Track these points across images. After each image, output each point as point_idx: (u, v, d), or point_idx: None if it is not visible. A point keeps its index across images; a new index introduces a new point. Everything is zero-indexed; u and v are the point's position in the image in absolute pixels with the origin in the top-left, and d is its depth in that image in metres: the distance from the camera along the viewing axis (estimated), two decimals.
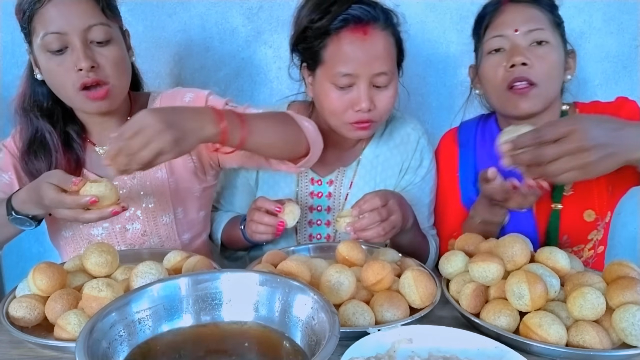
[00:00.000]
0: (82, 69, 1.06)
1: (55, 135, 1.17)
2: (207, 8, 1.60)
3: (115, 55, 1.11)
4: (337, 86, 1.15)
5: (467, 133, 1.38)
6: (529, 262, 0.97)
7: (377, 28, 1.14)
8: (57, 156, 1.17)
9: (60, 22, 1.05)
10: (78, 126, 1.21)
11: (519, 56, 1.15)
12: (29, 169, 1.18)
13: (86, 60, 1.06)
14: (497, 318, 0.88)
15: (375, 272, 0.95)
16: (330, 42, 1.14)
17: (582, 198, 1.26)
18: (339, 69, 1.13)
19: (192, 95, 1.22)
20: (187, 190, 1.28)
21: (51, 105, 1.18)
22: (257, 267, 1.02)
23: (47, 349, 0.86)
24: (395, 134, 1.34)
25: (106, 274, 0.98)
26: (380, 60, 1.13)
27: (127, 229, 1.25)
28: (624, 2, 1.55)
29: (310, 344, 0.72)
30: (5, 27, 1.60)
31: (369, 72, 1.13)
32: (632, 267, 0.95)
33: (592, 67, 1.60)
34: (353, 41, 1.12)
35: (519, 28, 1.17)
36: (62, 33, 1.06)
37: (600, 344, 0.83)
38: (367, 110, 1.14)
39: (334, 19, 1.12)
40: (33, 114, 1.17)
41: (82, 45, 1.06)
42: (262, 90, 1.66)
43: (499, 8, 1.21)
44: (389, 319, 0.91)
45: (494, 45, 1.20)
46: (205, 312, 0.80)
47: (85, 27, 1.06)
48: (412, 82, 1.64)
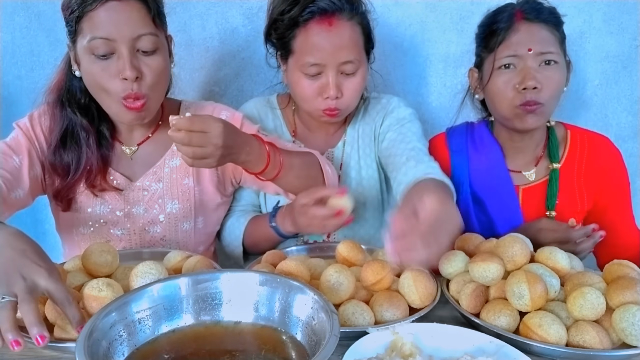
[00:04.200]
0: (127, 78, 1.06)
1: (91, 132, 1.17)
2: (207, 8, 1.60)
3: (159, 65, 1.10)
4: (306, 75, 1.20)
5: (458, 140, 1.41)
6: (529, 262, 0.98)
7: (342, 19, 1.18)
8: (87, 152, 1.17)
9: (109, 28, 1.04)
10: (110, 124, 1.21)
11: (531, 80, 1.20)
12: (56, 165, 1.17)
13: (132, 70, 1.05)
14: (497, 318, 0.88)
15: (375, 272, 0.95)
16: (298, 33, 1.19)
17: (567, 207, 1.32)
18: (307, 59, 1.19)
19: (229, 115, 1.25)
20: (209, 202, 1.29)
21: (88, 102, 1.17)
22: (257, 267, 1.02)
23: (47, 349, 0.85)
24: (371, 109, 1.40)
25: (106, 274, 0.98)
26: (346, 50, 1.18)
27: (147, 231, 1.25)
28: (624, 2, 1.55)
29: (310, 344, 0.72)
30: (5, 27, 1.60)
31: (335, 61, 1.18)
32: (632, 267, 0.95)
33: (592, 67, 1.60)
34: (319, 32, 1.17)
35: (532, 48, 1.21)
36: (111, 39, 1.05)
37: (600, 344, 0.83)
38: (335, 97, 1.20)
39: (302, 11, 1.17)
40: (70, 108, 1.16)
41: (129, 55, 1.05)
42: (262, 90, 1.66)
43: (512, 26, 1.23)
44: (388, 319, 0.91)
45: (506, 62, 1.24)
46: (205, 312, 0.80)
47: (134, 36, 1.06)
48: (412, 82, 1.65)
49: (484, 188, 1.36)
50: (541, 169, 1.35)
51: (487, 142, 1.38)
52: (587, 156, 1.33)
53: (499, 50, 1.24)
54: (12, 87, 1.64)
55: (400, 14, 1.57)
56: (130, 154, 1.24)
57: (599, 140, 1.35)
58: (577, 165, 1.33)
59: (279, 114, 1.40)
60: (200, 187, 1.26)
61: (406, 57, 1.61)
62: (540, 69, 1.22)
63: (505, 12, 1.26)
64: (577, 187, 1.32)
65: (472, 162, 1.38)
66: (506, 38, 1.23)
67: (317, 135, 1.40)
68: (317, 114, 1.26)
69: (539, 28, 1.23)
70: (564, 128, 1.38)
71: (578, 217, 1.33)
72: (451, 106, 1.65)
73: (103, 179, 1.19)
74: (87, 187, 1.19)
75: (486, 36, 1.28)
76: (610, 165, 1.33)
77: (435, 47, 1.62)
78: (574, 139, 1.35)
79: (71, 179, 1.17)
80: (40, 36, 1.60)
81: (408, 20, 1.59)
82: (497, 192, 1.34)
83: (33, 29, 1.61)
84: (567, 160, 1.34)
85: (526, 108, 1.22)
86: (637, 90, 1.62)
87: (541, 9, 1.24)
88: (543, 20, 1.23)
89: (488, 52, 1.27)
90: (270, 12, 1.25)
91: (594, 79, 1.62)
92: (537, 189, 1.34)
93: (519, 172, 1.36)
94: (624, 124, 1.65)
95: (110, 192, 1.21)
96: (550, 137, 1.35)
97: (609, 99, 1.64)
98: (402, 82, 1.61)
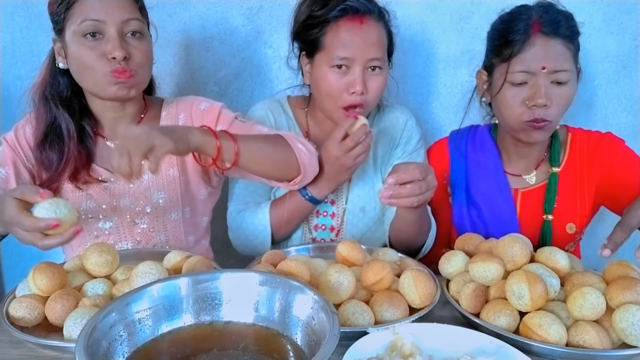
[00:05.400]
0: (116, 58, 1.11)
1: (72, 127, 1.20)
2: (207, 8, 1.60)
3: (145, 49, 1.17)
4: (334, 69, 1.24)
5: (459, 142, 1.42)
6: (529, 262, 0.98)
7: (372, 19, 1.24)
8: (70, 148, 1.19)
9: (100, 11, 1.11)
10: (92, 120, 1.24)
11: (541, 98, 1.18)
12: (41, 159, 1.20)
13: (121, 50, 1.11)
14: (497, 318, 0.88)
15: (375, 272, 0.95)
16: (329, 29, 1.24)
17: (566, 211, 1.32)
18: (337, 53, 1.22)
19: (207, 105, 1.28)
20: (195, 192, 1.31)
21: (70, 96, 1.21)
22: (257, 267, 1.02)
23: (47, 349, 0.86)
24: (384, 118, 1.42)
25: (106, 274, 0.98)
26: (375, 47, 1.23)
27: (135, 223, 1.26)
28: (624, 2, 1.55)
29: (310, 344, 0.72)
30: (5, 27, 1.60)
31: (364, 57, 1.22)
32: (632, 267, 0.95)
33: (592, 67, 1.60)
34: (350, 29, 1.22)
35: (546, 66, 1.18)
36: (101, 21, 1.11)
37: (600, 344, 0.83)
38: (361, 92, 1.23)
39: (334, 9, 1.22)
40: (53, 103, 1.20)
41: (118, 36, 1.12)
42: (262, 90, 1.66)
43: (528, 39, 1.19)
44: (388, 319, 0.91)
45: (519, 78, 1.21)
46: (205, 312, 0.80)
47: (123, 19, 1.12)
48: (412, 82, 1.65)
49: (480, 191, 1.36)
50: (541, 172, 1.35)
51: (487, 145, 1.38)
52: (588, 158, 1.31)
53: (512, 63, 1.21)
54: (12, 87, 1.64)
55: (400, 14, 1.56)
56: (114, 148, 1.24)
57: (598, 139, 1.33)
58: (578, 169, 1.32)
59: (291, 115, 1.41)
60: (185, 177, 1.28)
61: (406, 57, 1.61)
62: (552, 86, 1.19)
63: (522, 22, 1.21)
64: (578, 190, 1.31)
65: (470, 165, 1.38)
66: (521, 51, 1.20)
67: None
68: (338, 114, 1.27)
69: (554, 43, 1.19)
70: (566, 131, 1.37)
71: (578, 221, 1.32)
72: (451, 106, 1.65)
73: (87, 174, 1.22)
74: (71, 181, 1.21)
75: (500, 44, 1.25)
76: (614, 161, 1.29)
77: (435, 47, 1.62)
78: (574, 142, 1.34)
79: (54, 173, 1.20)
80: (40, 36, 1.60)
81: (408, 20, 1.59)
82: (493, 196, 1.34)
83: (33, 29, 1.61)
84: (567, 163, 1.33)
85: (534, 125, 1.21)
86: (637, 90, 1.62)
87: (559, 21, 1.20)
88: (560, 35, 1.19)
89: (500, 61, 1.24)
90: (298, 13, 1.29)
91: (594, 79, 1.62)
92: (536, 193, 1.33)
93: (519, 175, 1.36)
94: (624, 124, 1.65)
95: (95, 187, 1.23)
96: (553, 141, 1.34)
97: (609, 99, 1.64)
98: (402, 82, 1.61)
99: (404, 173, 1.07)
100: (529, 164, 1.36)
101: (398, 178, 1.07)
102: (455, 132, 1.46)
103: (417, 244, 1.32)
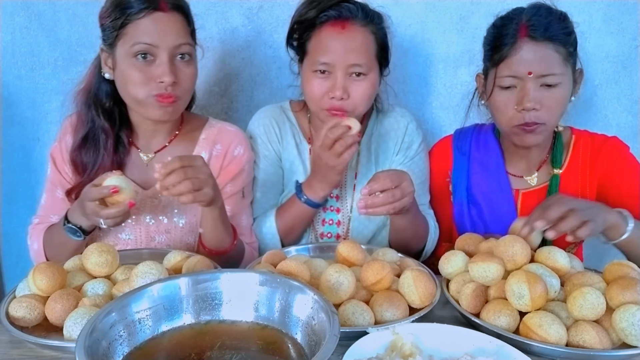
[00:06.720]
0: (164, 82, 1.13)
1: (110, 136, 1.22)
2: (207, 8, 1.60)
3: (192, 73, 1.21)
4: (317, 74, 1.25)
5: (463, 140, 1.42)
6: (529, 262, 0.97)
7: (355, 24, 1.24)
8: (104, 156, 1.22)
9: (154, 35, 1.13)
10: (129, 130, 1.27)
11: (529, 102, 1.18)
12: (75, 162, 1.23)
13: (170, 76, 1.13)
14: (497, 318, 0.88)
15: (375, 272, 0.95)
16: (313, 35, 1.26)
17: None
18: (318, 57, 1.24)
19: (239, 155, 1.30)
20: None
21: (112, 106, 1.23)
22: (257, 267, 1.02)
23: (47, 349, 0.86)
24: (385, 121, 1.42)
25: (106, 274, 0.98)
26: (356, 53, 1.23)
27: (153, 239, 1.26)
28: (624, 2, 1.55)
29: (310, 344, 0.72)
30: (5, 27, 1.60)
31: (344, 63, 1.22)
32: (632, 267, 0.95)
33: (592, 67, 1.60)
34: (331, 34, 1.23)
35: (533, 71, 1.18)
36: (154, 45, 1.13)
37: (600, 344, 0.83)
38: (340, 98, 1.23)
39: (318, 14, 1.24)
40: (95, 111, 1.22)
41: (168, 61, 1.14)
42: (262, 90, 1.66)
43: (515, 44, 1.19)
44: (388, 319, 0.91)
45: (506, 83, 1.21)
46: (205, 312, 0.80)
47: (175, 44, 1.15)
48: (412, 82, 1.65)
49: (481, 190, 1.36)
50: (543, 173, 1.34)
51: (490, 145, 1.38)
52: (591, 161, 1.31)
53: (500, 68, 1.21)
54: (12, 87, 1.64)
55: (400, 14, 1.56)
56: (147, 161, 1.27)
57: (602, 142, 1.32)
58: (580, 171, 1.31)
59: (294, 122, 1.41)
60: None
61: (406, 57, 1.61)
62: (542, 89, 1.19)
63: (511, 26, 1.20)
64: (579, 193, 1.31)
65: (472, 164, 1.38)
66: (507, 57, 1.20)
67: None
68: (323, 115, 1.27)
69: (543, 47, 1.18)
70: (571, 133, 1.36)
71: None
72: (451, 106, 1.65)
73: None
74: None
75: (492, 48, 1.25)
76: (613, 165, 1.29)
77: (435, 47, 1.62)
78: (577, 144, 1.33)
79: (86, 178, 1.21)
80: (40, 36, 1.60)
81: (408, 20, 1.59)
82: (494, 196, 1.34)
83: (33, 29, 1.61)
84: (569, 165, 1.32)
85: (525, 128, 1.21)
86: (637, 90, 1.62)
87: (549, 23, 1.18)
88: (549, 38, 1.17)
89: (491, 66, 1.25)
90: (293, 17, 1.30)
91: (594, 79, 1.62)
92: (537, 194, 1.33)
93: (521, 176, 1.36)
94: (624, 124, 1.65)
95: None
96: (555, 142, 1.34)
97: (609, 99, 1.64)
98: (402, 82, 1.61)
99: (376, 183, 1.09)
100: (531, 165, 1.35)
101: (370, 189, 1.09)
102: (459, 130, 1.46)
103: (415, 247, 1.32)
